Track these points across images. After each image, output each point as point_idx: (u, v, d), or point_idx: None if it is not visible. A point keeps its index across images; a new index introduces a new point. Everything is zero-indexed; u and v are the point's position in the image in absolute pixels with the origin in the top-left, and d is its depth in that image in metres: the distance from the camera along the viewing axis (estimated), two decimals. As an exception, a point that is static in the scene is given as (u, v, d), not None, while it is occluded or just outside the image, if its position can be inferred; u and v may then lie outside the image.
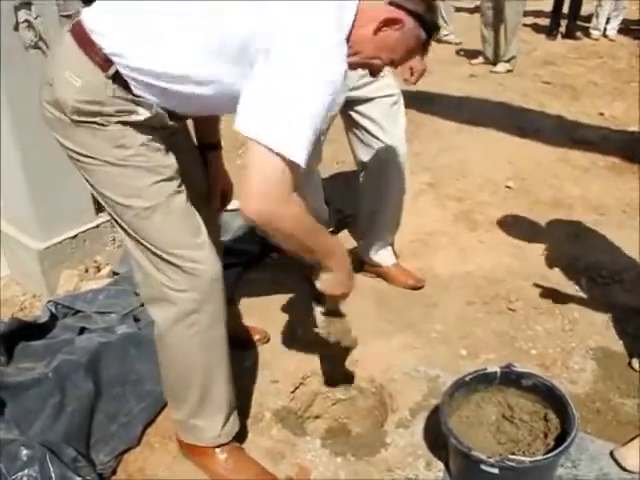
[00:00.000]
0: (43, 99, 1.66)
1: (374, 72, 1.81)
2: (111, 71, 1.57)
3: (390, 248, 2.94)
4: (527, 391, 1.97)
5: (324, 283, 1.82)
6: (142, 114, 1.63)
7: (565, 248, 3.18)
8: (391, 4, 1.63)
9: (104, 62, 1.57)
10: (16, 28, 2.53)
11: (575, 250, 3.16)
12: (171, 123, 1.71)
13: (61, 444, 1.94)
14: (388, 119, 2.57)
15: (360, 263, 2.95)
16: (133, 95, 1.60)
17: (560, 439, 1.81)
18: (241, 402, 2.24)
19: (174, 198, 1.71)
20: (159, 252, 1.70)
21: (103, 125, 1.61)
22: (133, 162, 1.65)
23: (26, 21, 2.55)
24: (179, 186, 1.73)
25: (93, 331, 2.51)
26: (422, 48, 1.75)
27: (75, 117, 1.60)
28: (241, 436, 2.11)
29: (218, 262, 1.79)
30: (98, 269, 3.02)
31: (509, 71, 6.58)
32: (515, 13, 6.56)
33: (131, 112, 1.62)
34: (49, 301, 2.68)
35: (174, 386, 1.93)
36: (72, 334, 2.51)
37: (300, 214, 1.54)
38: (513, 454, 1.77)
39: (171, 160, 1.73)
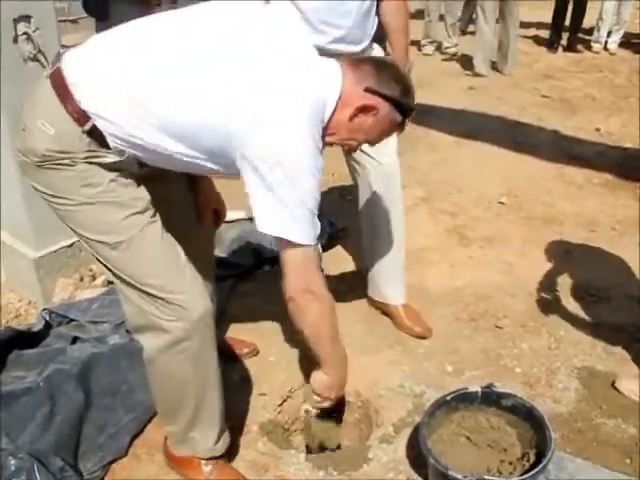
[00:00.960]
0: (15, 146, 1.71)
1: (350, 150, 1.97)
2: (87, 126, 1.59)
3: (400, 285, 2.78)
4: (507, 411, 2.01)
5: (316, 382, 1.97)
6: (112, 159, 1.65)
7: (555, 265, 3.21)
8: (367, 90, 1.68)
9: (81, 116, 1.58)
10: (15, 40, 2.58)
11: (565, 267, 3.19)
12: (140, 170, 1.73)
13: (49, 454, 1.98)
14: None
15: (367, 297, 2.91)
16: (108, 148, 1.63)
17: (538, 460, 1.84)
18: (228, 414, 2.27)
19: (148, 229, 1.72)
20: (139, 285, 1.73)
21: (69, 165, 1.63)
22: (103, 199, 1.67)
23: (25, 34, 2.60)
24: (153, 216, 1.75)
25: (86, 340, 2.55)
26: (398, 128, 1.82)
27: (40, 162, 1.63)
28: (228, 448, 2.14)
29: (202, 289, 1.81)
30: (93, 278, 3.06)
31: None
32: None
33: (100, 157, 1.64)
34: (44, 309, 2.72)
35: (166, 404, 1.98)
36: (65, 343, 2.55)
37: (325, 309, 1.81)
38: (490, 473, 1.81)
39: (143, 192, 1.74)
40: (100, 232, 1.70)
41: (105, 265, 1.77)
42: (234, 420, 2.27)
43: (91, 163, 1.64)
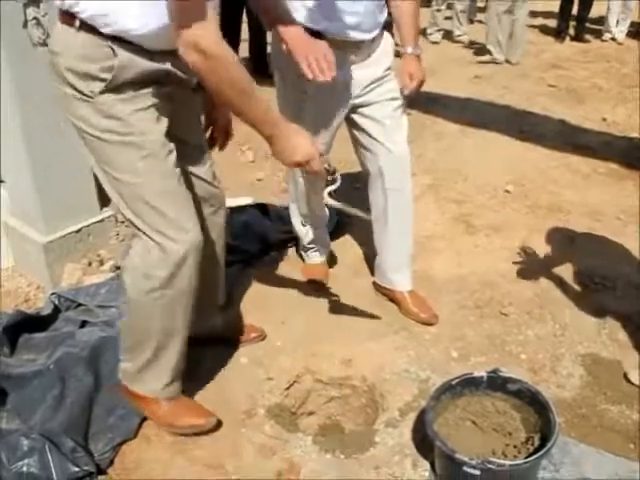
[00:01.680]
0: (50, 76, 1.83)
1: None
2: (76, 23, 1.72)
3: (407, 272, 2.81)
4: (512, 396, 2.03)
5: (276, 155, 1.89)
6: (122, 57, 1.73)
7: (560, 253, 3.23)
8: None
9: (69, 18, 1.73)
10: (25, 25, 2.59)
11: (569, 256, 3.21)
12: (155, 66, 1.80)
13: (61, 435, 2.01)
14: (391, 120, 2.55)
15: (373, 283, 2.95)
16: (104, 36, 1.72)
17: (542, 444, 1.86)
18: (235, 397, 2.33)
19: (163, 170, 1.87)
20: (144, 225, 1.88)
21: (91, 97, 1.76)
22: (123, 137, 1.80)
23: (34, 19, 2.61)
24: (168, 154, 1.88)
25: (94, 324, 2.58)
26: None
27: (69, 88, 1.77)
28: (235, 431, 2.18)
29: (195, 243, 1.92)
30: (101, 263, 3.09)
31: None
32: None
33: (112, 66, 1.73)
34: (52, 293, 2.75)
35: (132, 341, 2.09)
36: (74, 327, 2.58)
37: (219, 68, 1.64)
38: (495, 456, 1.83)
39: (160, 133, 1.86)
40: (118, 170, 1.84)
41: (116, 195, 1.90)
42: (241, 403, 2.31)
43: (112, 91, 1.75)
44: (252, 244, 3.17)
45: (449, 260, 3.21)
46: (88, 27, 1.72)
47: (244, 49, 6.16)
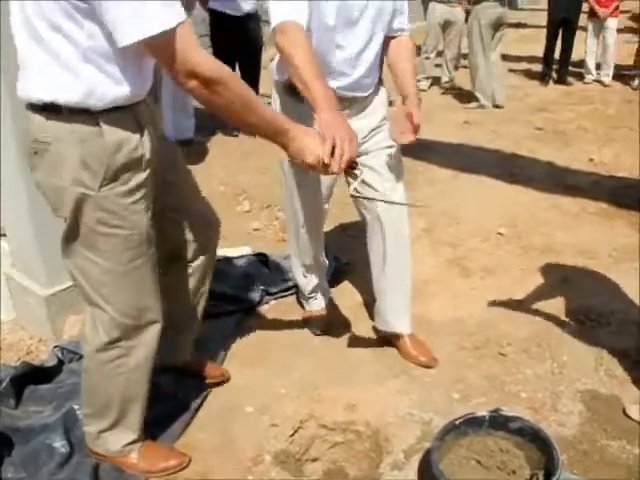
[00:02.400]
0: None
1: None
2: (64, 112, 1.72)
3: (406, 315, 2.82)
4: (515, 434, 2.06)
5: (291, 159, 1.94)
6: (107, 131, 1.74)
7: (555, 292, 3.29)
8: None
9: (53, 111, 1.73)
10: None
11: (564, 294, 3.27)
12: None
13: None
14: (387, 168, 2.57)
15: (373, 328, 2.98)
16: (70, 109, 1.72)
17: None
18: (241, 444, 2.35)
19: (143, 264, 1.92)
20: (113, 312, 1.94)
21: (92, 191, 1.78)
22: (112, 230, 1.84)
23: None
24: (149, 248, 1.93)
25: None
26: None
27: (65, 181, 1.79)
28: (242, 478, 2.21)
29: (156, 328, 2.03)
30: (103, 316, 3.12)
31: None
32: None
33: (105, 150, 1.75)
34: (55, 346, 2.78)
35: (93, 406, 2.13)
36: (78, 379, 2.59)
37: (225, 91, 1.68)
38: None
39: (147, 224, 1.91)
40: (99, 255, 1.86)
41: (85, 271, 1.92)
42: (247, 450, 2.33)
43: (107, 182, 1.78)
44: (252, 293, 3.21)
45: (446, 303, 3.26)
46: (77, 111, 1.71)
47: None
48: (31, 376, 2.58)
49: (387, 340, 2.89)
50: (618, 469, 2.23)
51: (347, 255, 3.55)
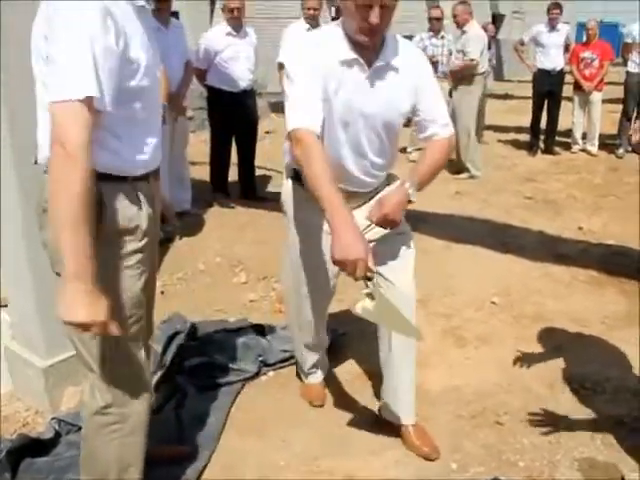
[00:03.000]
0: None
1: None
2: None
3: (411, 407, 2.75)
4: (513, 503, 2.08)
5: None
6: (106, 198, 1.82)
7: (549, 361, 3.33)
8: None
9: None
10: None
11: (558, 363, 3.32)
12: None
13: None
14: (395, 259, 2.52)
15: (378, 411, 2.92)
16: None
17: None
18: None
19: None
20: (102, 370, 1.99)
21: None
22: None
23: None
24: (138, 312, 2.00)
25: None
26: None
27: None
28: None
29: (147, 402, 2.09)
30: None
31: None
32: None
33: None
34: (53, 418, 2.78)
35: (91, 473, 2.14)
36: (76, 451, 2.58)
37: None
38: None
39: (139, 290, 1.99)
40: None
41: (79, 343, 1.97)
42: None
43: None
44: (251, 364, 3.24)
45: (442, 373, 3.29)
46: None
47: (234, 173, 6.42)
48: (28, 449, 2.57)
49: (389, 422, 2.82)
50: (617, 538, 2.24)
51: (343, 325, 3.59)
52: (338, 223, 1.97)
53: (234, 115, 5.97)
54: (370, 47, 2.22)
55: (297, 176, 2.48)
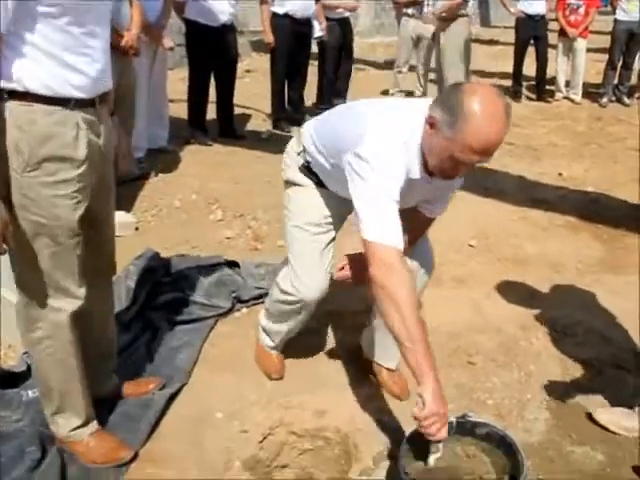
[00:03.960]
0: None
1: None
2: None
3: (396, 354, 2.53)
4: (482, 440, 2.09)
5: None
6: (40, 122, 1.82)
7: (522, 303, 3.35)
8: None
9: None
10: None
11: (532, 305, 3.33)
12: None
13: None
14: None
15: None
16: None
17: (512, 484, 1.93)
18: (212, 450, 2.35)
19: (54, 253, 1.97)
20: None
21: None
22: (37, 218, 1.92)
23: None
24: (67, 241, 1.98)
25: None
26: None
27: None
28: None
29: (77, 304, 2.09)
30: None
31: None
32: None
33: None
34: (25, 352, 2.76)
35: (40, 389, 2.26)
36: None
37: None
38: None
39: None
40: (21, 239, 1.91)
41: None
42: (218, 456, 2.33)
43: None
44: (224, 301, 3.22)
45: (417, 312, 3.29)
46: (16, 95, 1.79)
47: (212, 111, 6.30)
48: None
49: (369, 370, 2.79)
50: (582, 475, 2.28)
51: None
52: (433, 379, 1.88)
53: (213, 51, 5.82)
54: None
55: (306, 170, 2.40)
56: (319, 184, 2.38)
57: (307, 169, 2.38)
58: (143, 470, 2.26)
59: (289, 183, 2.47)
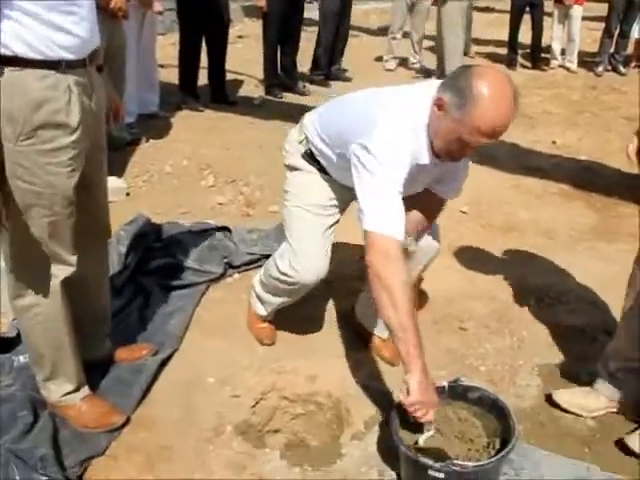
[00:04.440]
0: None
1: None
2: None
3: None
4: (473, 404, 2.10)
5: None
6: (32, 87, 1.78)
7: (515, 270, 3.35)
8: None
9: None
10: None
11: (524, 272, 3.33)
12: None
13: (28, 450, 2.06)
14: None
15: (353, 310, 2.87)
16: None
17: (503, 447, 1.93)
18: (203, 415, 2.36)
19: (49, 222, 1.95)
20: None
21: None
22: (30, 187, 1.89)
23: None
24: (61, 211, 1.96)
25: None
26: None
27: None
28: (203, 447, 2.22)
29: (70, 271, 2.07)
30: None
31: None
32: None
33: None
34: (15, 319, 2.74)
35: (31, 355, 2.26)
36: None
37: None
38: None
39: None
40: (14, 208, 1.92)
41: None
42: (209, 421, 2.34)
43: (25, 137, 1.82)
44: (216, 266, 3.20)
45: (408, 278, 3.28)
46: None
47: (203, 76, 6.22)
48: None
49: (362, 336, 2.79)
50: (573, 440, 2.29)
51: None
52: (421, 370, 1.90)
53: (205, 15, 5.72)
54: None
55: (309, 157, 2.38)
56: (322, 170, 2.37)
57: (310, 156, 2.37)
58: (135, 435, 2.26)
59: (291, 167, 2.46)
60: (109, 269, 2.55)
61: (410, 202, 2.28)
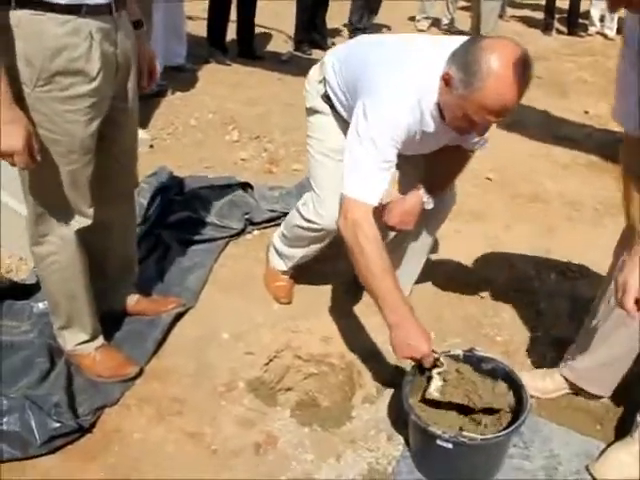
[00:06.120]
0: None
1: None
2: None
3: (411, 282, 2.75)
4: (487, 374, 2.08)
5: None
6: (51, 33, 1.72)
7: (538, 241, 3.31)
8: None
9: None
10: None
11: (547, 244, 3.29)
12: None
13: (43, 396, 2.09)
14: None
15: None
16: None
17: (514, 421, 1.92)
18: (216, 370, 2.37)
19: (67, 171, 1.93)
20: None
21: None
22: (48, 134, 1.86)
23: None
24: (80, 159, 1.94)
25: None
26: None
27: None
28: (215, 402, 2.24)
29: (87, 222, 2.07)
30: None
31: None
32: None
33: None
34: (34, 266, 2.76)
35: (49, 303, 2.28)
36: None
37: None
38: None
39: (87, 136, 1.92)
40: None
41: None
42: (222, 376, 2.35)
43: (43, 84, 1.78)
44: (236, 222, 3.19)
45: (430, 244, 3.26)
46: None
47: (232, 31, 6.14)
48: (10, 292, 2.58)
49: None
50: (585, 415, 2.27)
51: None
52: (399, 320, 1.96)
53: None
54: None
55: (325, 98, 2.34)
56: (338, 114, 2.34)
57: (328, 98, 2.33)
58: (148, 385, 2.29)
59: (311, 110, 2.42)
60: (136, 219, 2.54)
61: (434, 156, 2.29)
